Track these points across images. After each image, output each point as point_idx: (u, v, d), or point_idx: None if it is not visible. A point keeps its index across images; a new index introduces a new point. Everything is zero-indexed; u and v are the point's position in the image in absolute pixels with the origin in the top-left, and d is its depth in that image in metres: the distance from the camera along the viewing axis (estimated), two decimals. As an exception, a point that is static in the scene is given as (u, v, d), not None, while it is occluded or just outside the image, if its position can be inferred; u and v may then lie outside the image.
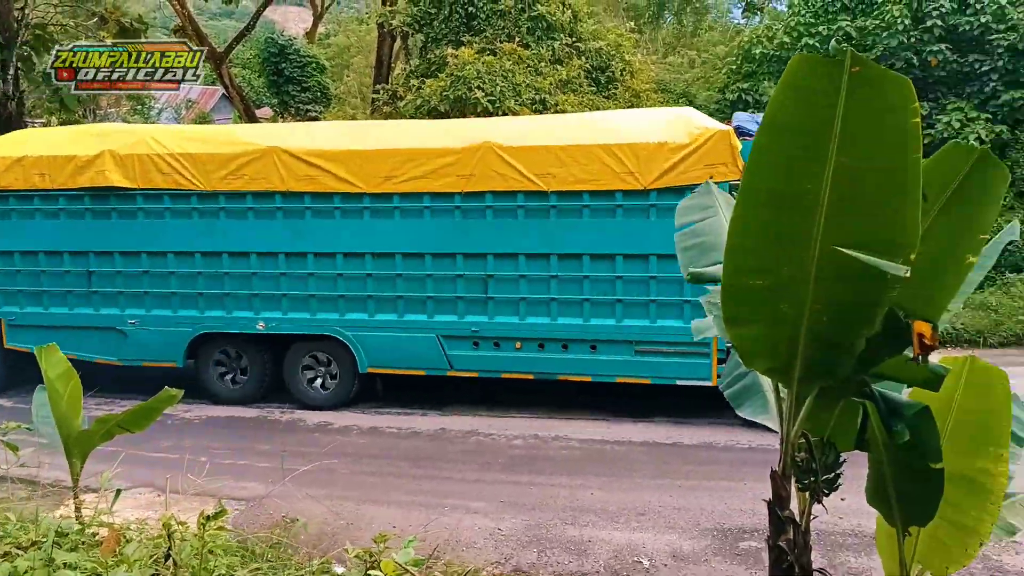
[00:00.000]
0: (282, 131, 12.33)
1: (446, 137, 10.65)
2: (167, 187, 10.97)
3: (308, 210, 10.78)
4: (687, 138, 9.96)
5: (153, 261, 11.24)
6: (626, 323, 10.34)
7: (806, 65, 2.64)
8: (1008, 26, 16.80)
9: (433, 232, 10.48)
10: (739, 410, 4.15)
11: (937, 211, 3.05)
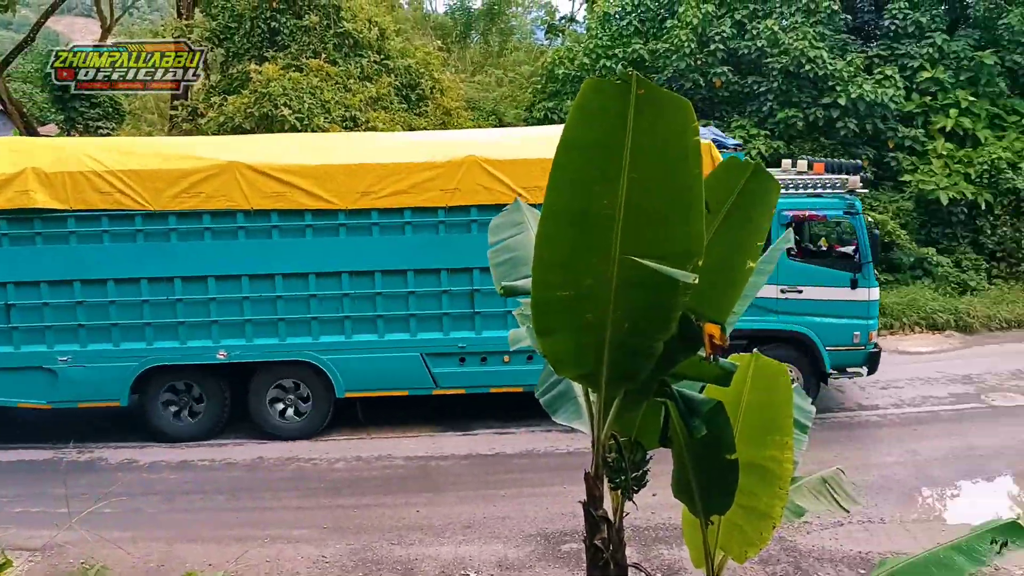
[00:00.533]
0: (240, 145, 11.31)
1: (426, 151, 10.31)
2: (106, 207, 9.77)
3: (275, 229, 10.00)
4: None
5: (89, 290, 9.96)
6: None
7: (597, 88, 2.80)
8: (781, 50, 18.41)
9: (415, 248, 10.06)
10: (554, 416, 4.29)
11: (719, 222, 3.31)
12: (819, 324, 10.70)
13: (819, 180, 10.95)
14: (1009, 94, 19.36)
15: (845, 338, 10.76)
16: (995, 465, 9.53)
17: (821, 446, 9.57)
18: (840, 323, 10.70)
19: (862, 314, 10.81)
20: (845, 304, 10.73)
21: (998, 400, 11.38)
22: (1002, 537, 3.54)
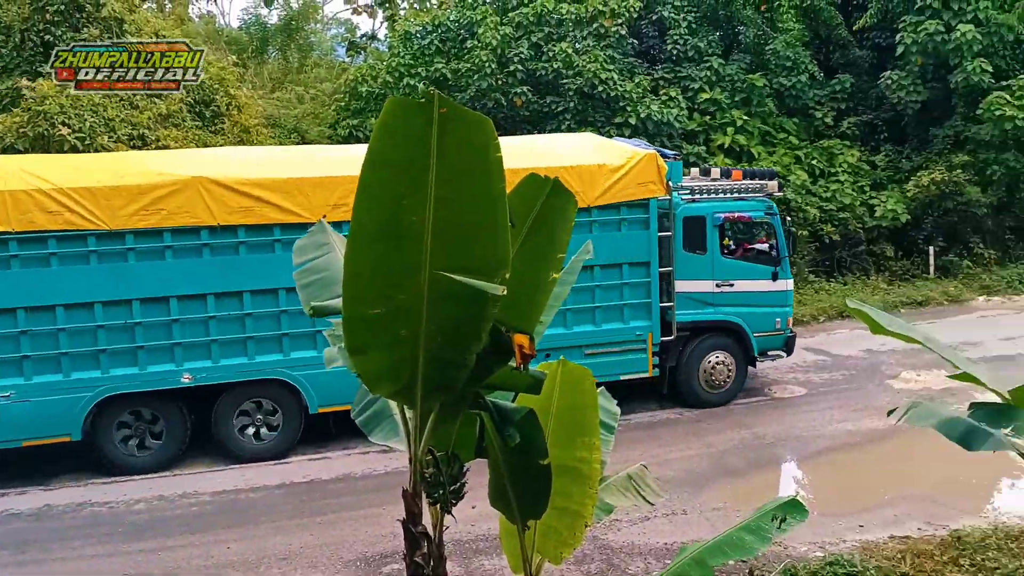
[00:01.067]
0: (201, 159, 10.78)
1: None
2: (55, 228, 9.07)
3: (243, 245, 9.69)
4: (621, 160, 11.02)
5: (34, 318, 9.21)
6: (575, 329, 11.00)
7: (399, 107, 2.84)
8: (575, 72, 19.34)
9: None
10: (371, 436, 4.26)
11: (523, 236, 3.44)
12: (747, 314, 11.85)
13: (741, 185, 12.12)
14: (777, 113, 21.34)
15: (768, 325, 12.00)
16: (779, 451, 10.43)
17: (628, 445, 10.05)
18: (764, 312, 11.87)
19: (781, 303, 12.14)
20: (768, 295, 12.00)
21: (780, 393, 12.46)
22: (782, 514, 3.90)
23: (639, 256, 11.28)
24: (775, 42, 21.25)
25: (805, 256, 19.23)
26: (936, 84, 20.78)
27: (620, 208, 11.09)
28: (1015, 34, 19.97)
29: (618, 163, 11.07)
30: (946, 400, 11.18)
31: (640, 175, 11.06)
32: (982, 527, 8.01)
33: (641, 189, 11.07)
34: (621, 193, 11.01)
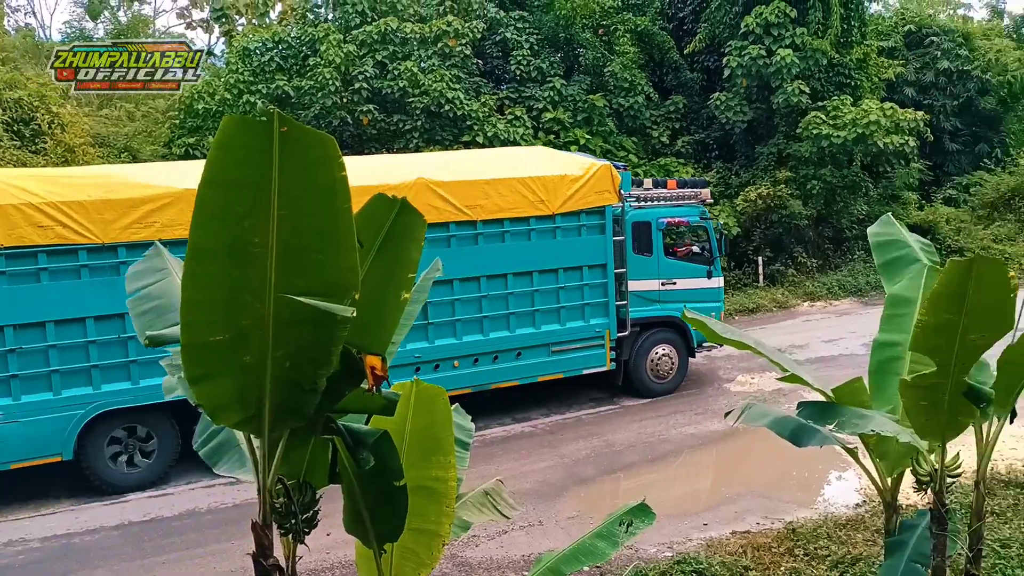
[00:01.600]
0: (189, 170, 10.56)
1: (378, 174, 10.72)
2: (45, 243, 8.95)
3: None
4: (581, 170, 11.97)
5: (23, 335, 9.03)
6: (543, 328, 11.79)
7: (238, 126, 2.76)
8: (422, 91, 19.40)
9: None
10: (216, 468, 4.08)
11: (373, 255, 3.41)
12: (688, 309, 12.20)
13: (679, 193, 13.43)
14: (617, 132, 22.18)
15: None
16: (629, 457, 10.77)
17: (484, 460, 10.13)
18: (702, 307, 12.21)
19: (716, 298, 13.51)
20: (704, 291, 13.24)
21: (628, 401, 12.88)
22: (631, 518, 4.04)
23: (597, 259, 12.22)
24: (613, 64, 22.11)
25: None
26: (760, 105, 22.25)
27: (580, 215, 12.04)
28: (828, 58, 21.66)
29: (578, 173, 12.02)
30: (778, 400, 11.94)
31: (597, 184, 12.02)
32: (814, 518, 8.59)
33: (598, 197, 12.04)
34: (581, 201, 11.95)
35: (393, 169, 11.40)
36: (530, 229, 11.69)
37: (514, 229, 11.57)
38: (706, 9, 23.66)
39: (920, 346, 4.93)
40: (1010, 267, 19.95)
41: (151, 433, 10.05)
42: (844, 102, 21.32)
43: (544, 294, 11.87)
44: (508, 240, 11.54)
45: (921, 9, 29.93)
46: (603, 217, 12.15)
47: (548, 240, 11.79)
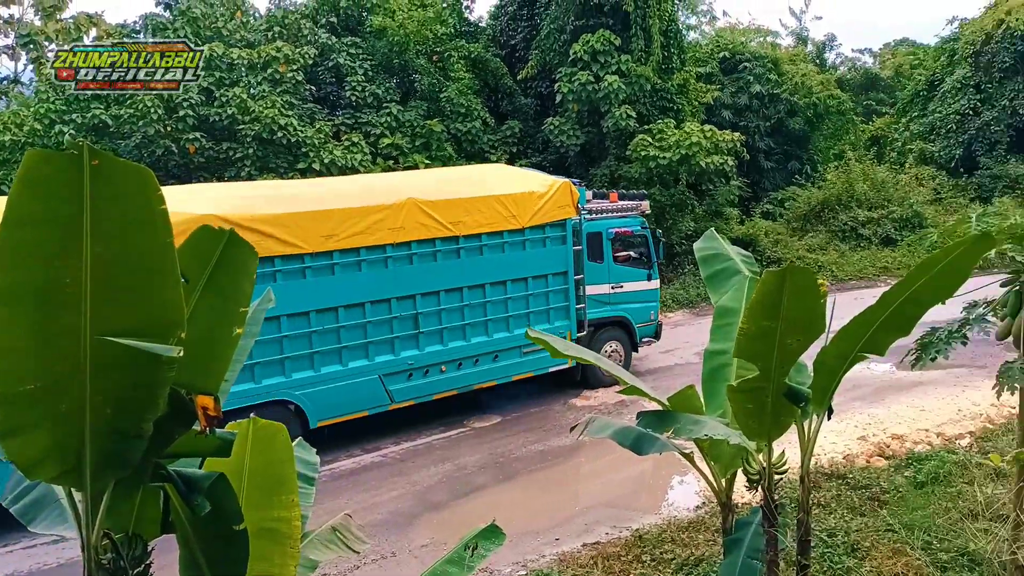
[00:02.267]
0: (209, 193, 11.63)
1: (373, 195, 11.67)
2: None
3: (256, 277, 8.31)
4: (544, 188, 13.15)
5: None
6: (516, 331, 12.62)
7: (43, 160, 2.57)
8: (252, 118, 18.83)
9: (369, 282, 11.29)
10: (32, 526, 3.75)
11: (200, 290, 3.27)
12: (633, 309, 14.63)
13: (623, 205, 14.98)
14: (456, 157, 22.38)
15: (646, 317, 14.92)
16: (480, 479, 10.81)
17: (332, 495, 9.90)
18: (643, 307, 14.73)
19: (653, 299, 15.14)
20: (645, 293, 14.88)
21: (478, 423, 12.94)
22: (481, 540, 4.04)
23: (560, 267, 13.47)
24: (449, 90, 22.35)
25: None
26: (592, 128, 23.09)
27: (545, 228, 13.23)
28: (652, 84, 22.78)
29: (542, 190, 13.15)
30: (620, 412, 12.37)
31: (559, 199, 13.24)
32: (659, 523, 8.92)
33: (560, 211, 13.28)
34: (546, 215, 13.10)
35: (383, 190, 12.16)
36: (503, 242, 12.73)
37: (491, 243, 12.58)
38: (536, 37, 24.38)
39: (743, 353, 5.23)
40: (822, 275, 21.62)
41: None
42: (668, 125, 22.48)
43: (516, 300, 12.94)
44: (486, 253, 12.56)
45: (734, 37, 32.00)
46: (564, 229, 13.47)
47: (519, 251, 12.91)
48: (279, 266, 10.53)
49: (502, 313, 12.79)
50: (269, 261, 10.37)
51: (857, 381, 13.16)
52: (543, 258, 13.21)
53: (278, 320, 10.55)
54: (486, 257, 12.54)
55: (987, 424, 11.22)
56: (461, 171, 16.50)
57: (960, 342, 6.81)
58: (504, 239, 12.70)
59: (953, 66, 31.67)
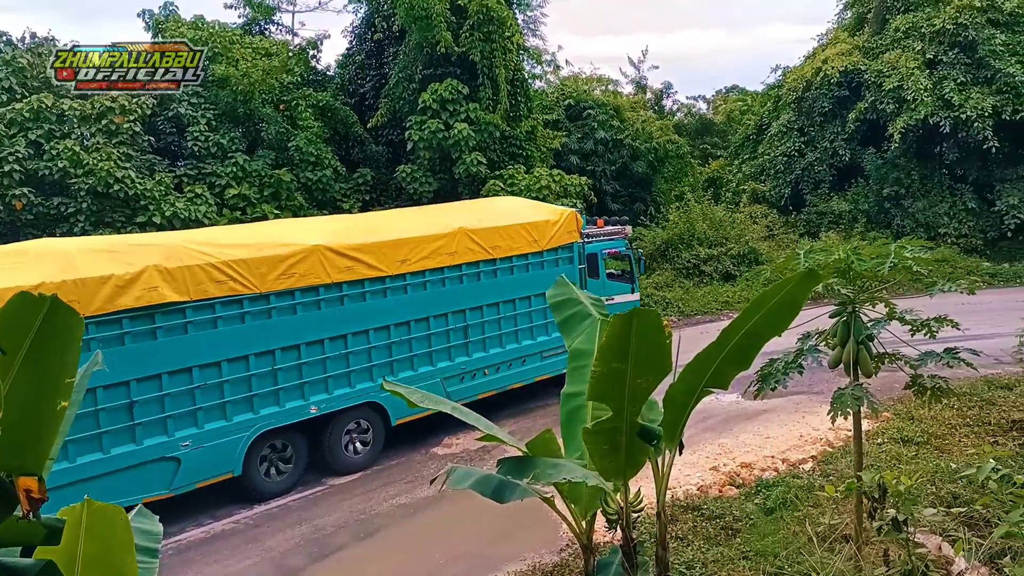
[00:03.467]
0: (312, 227, 13.16)
1: (431, 225, 13.46)
2: (221, 295, 10.74)
3: (345, 297, 12.08)
4: (557, 216, 15.41)
5: (205, 373, 10.72)
6: (538, 339, 14.94)
7: None
8: (86, 171, 17.84)
9: (433, 299, 13.18)
10: None
11: (20, 363, 3.02)
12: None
13: (611, 230, 17.19)
14: (307, 206, 22.01)
15: None
16: (340, 539, 10.46)
17: (181, 567, 9.32)
18: None
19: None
20: (630, 303, 16.56)
21: (336, 480, 12.53)
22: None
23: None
24: (297, 139, 22.04)
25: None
26: (444, 175, 23.31)
27: (558, 250, 15.39)
28: (501, 131, 23.29)
29: (555, 218, 15.37)
30: (483, 458, 12.34)
31: (568, 226, 15.48)
32: (523, 570, 8.90)
33: (569, 236, 15.52)
34: (558, 240, 15.29)
35: (436, 221, 13.93)
36: (528, 263, 14.81)
37: (519, 263, 14.66)
38: (385, 85, 24.49)
39: (596, 395, 5.34)
40: (669, 311, 22.53)
41: (289, 447, 11.96)
42: (518, 171, 23.01)
43: (536, 312, 14.86)
44: (515, 272, 14.60)
45: (578, 86, 33.30)
46: (571, 251, 15.68)
47: (538, 270, 14.90)
48: (367, 287, 12.42)
49: (527, 324, 14.86)
50: (360, 284, 12.31)
51: (707, 412, 13.71)
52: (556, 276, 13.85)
53: (367, 334, 12.40)
54: (515, 276, 14.66)
55: (827, 447, 11.90)
56: (486, 203, 18.00)
57: (797, 371, 7.24)
58: (528, 260, 14.87)
59: (779, 111, 34.05)
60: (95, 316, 9.58)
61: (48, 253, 10.27)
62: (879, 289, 7.36)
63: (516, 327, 14.68)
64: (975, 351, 6.79)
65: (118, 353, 9.73)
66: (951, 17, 27.27)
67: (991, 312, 18.10)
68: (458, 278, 13.64)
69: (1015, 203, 26.93)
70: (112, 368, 9.28)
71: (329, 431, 12.26)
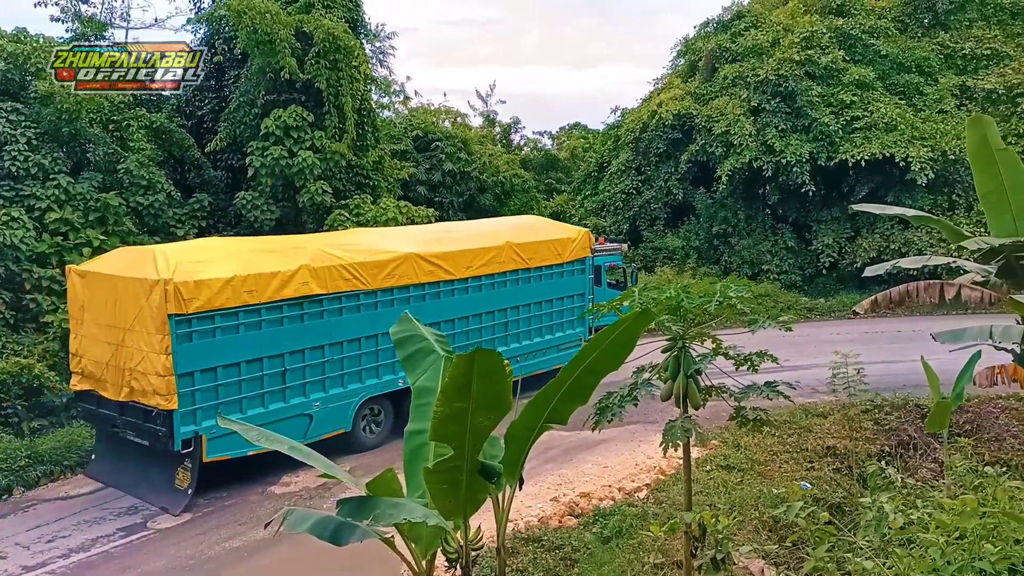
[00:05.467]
0: (400, 236, 16.69)
1: (484, 239, 17.01)
2: (347, 289, 13.93)
3: (427, 295, 15.36)
4: (574, 234, 18.96)
5: (331, 351, 13.85)
6: (558, 334, 18.28)
7: None
8: None
9: (487, 299, 16.59)
10: None
11: None
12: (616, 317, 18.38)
13: (610, 247, 21.43)
14: (138, 232, 20.83)
15: None
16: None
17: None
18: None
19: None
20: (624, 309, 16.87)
21: (163, 523, 11.80)
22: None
23: (581, 290, 19.02)
24: (128, 161, 20.89)
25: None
26: (287, 203, 22.76)
27: (575, 263, 18.76)
28: (347, 160, 23.02)
29: (573, 236, 18.86)
30: (324, 496, 12.01)
31: (582, 243, 19.00)
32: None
33: (582, 251, 18.96)
34: (575, 254, 18.70)
35: (488, 235, 17.37)
36: (552, 272, 18.11)
37: (545, 272, 17.92)
38: (225, 109, 23.70)
39: (438, 435, 5.34)
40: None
41: (381, 411, 14.95)
42: (365, 201, 22.81)
43: (558, 312, 18.29)
44: (544, 280, 17.89)
45: (427, 117, 33.44)
46: (584, 264, 19.08)
47: (559, 279, 18.32)
48: (443, 287, 15.56)
49: (548, 322, 18.06)
50: (435, 285, 15.44)
51: (549, 443, 13.96)
52: (572, 284, 18.75)
53: (438, 325, 13.99)
54: (543, 283, 17.89)
55: (660, 475, 12.38)
56: (519, 221, 21.07)
57: (632, 404, 7.51)
58: (553, 270, 18.13)
59: (618, 150, 35.45)
60: (266, 303, 12.75)
61: (227, 251, 13.34)
62: (707, 325, 7.77)
63: (541, 324, 17.92)
64: (792, 384, 7.27)
65: (279, 331, 12.98)
66: (773, 68, 29.43)
67: (809, 344, 19.46)
68: (503, 283, 16.99)
69: (829, 242, 29.20)
70: (274, 343, 12.83)
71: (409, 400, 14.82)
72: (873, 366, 14.74)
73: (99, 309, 12.59)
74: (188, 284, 11.64)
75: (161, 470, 12.44)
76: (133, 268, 12.19)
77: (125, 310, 12.01)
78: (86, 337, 12.94)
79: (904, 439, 12.99)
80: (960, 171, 27.00)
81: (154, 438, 11.91)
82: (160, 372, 11.55)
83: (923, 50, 30.63)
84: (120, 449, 13.01)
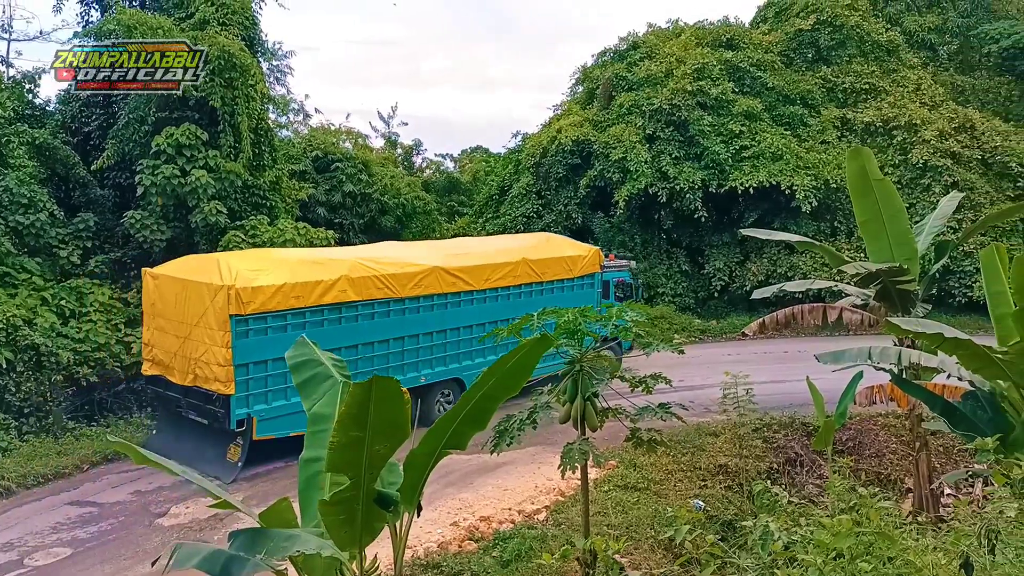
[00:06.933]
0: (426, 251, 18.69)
1: (501, 255, 19.00)
2: (380, 297, 15.96)
3: (448, 304, 17.33)
4: (585, 251, 21.05)
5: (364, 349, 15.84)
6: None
7: None
8: None
9: (502, 308, 18.23)
10: None
11: None
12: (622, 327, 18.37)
13: (619, 264, 22.97)
14: (16, 253, 19.76)
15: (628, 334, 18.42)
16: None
17: None
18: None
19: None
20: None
21: (42, 560, 11.18)
22: None
23: (590, 302, 18.00)
24: (7, 179, 19.84)
25: (62, 403, 17.97)
26: (179, 223, 21.99)
27: (585, 278, 20.59)
28: (243, 180, 22.48)
29: (585, 253, 20.78)
30: (216, 527, 11.61)
31: (593, 259, 20.90)
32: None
33: (592, 267, 20.83)
34: (585, 269, 20.55)
35: (504, 251, 19.24)
36: (564, 286, 19.79)
37: (556, 286, 19.63)
38: (114, 125, 22.84)
39: (334, 466, 5.26)
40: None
41: (452, 394, 17.43)
42: (262, 222, 22.28)
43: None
44: (555, 292, 19.42)
45: (327, 137, 32.99)
46: (594, 278, 20.93)
47: (570, 292, 19.85)
48: (463, 297, 17.40)
49: None
50: (457, 295, 17.31)
51: (449, 468, 13.91)
52: (583, 297, 19.98)
53: (458, 330, 17.42)
54: (555, 295, 19.23)
55: (560, 497, 12.51)
56: (534, 238, 22.78)
57: (531, 427, 7.58)
58: (564, 284, 19.83)
59: (519, 174, 35.82)
60: (310, 307, 14.53)
61: (279, 262, 15.37)
62: (604, 348, 7.94)
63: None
64: (684, 405, 7.51)
65: (320, 331, 14.29)
66: (667, 98, 30.41)
67: (702, 365, 20.08)
68: (517, 294, 18.66)
69: (720, 266, 30.25)
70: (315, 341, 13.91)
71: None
72: (762, 386, 15.29)
73: (169, 306, 14.84)
74: (247, 289, 13.70)
75: (214, 445, 14.31)
76: (200, 273, 14.40)
77: (193, 308, 14.16)
78: (157, 330, 15.21)
79: (791, 456, 13.57)
80: (841, 199, 28.46)
81: (213, 418, 14.04)
82: (221, 362, 13.61)
83: (807, 83, 32.28)
84: (178, 427, 15.01)
